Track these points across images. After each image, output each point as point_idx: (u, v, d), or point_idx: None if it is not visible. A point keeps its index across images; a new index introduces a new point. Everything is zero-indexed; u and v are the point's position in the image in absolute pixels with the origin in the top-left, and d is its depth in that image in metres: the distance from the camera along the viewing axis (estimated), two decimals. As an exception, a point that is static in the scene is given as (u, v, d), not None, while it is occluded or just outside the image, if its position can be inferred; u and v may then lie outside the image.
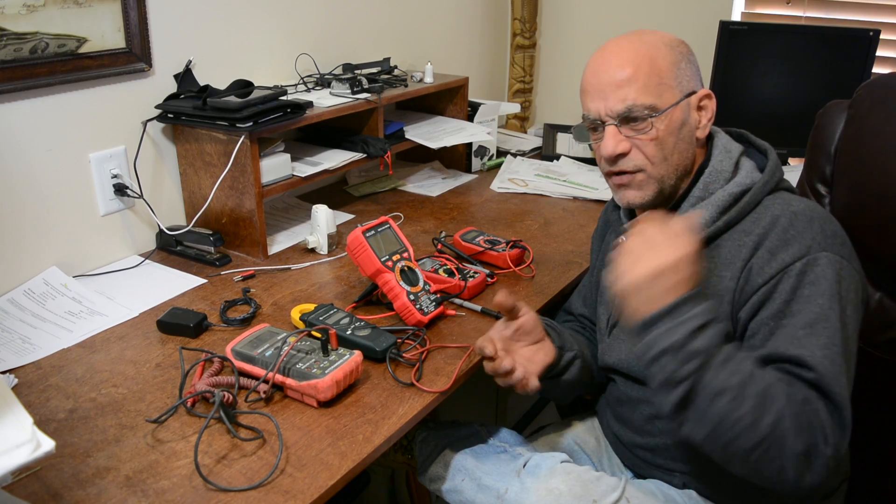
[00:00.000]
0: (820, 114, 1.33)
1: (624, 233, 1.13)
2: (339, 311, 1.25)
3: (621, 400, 1.21)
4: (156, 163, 1.58)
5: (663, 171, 1.05)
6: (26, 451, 0.71)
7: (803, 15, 2.18)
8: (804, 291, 0.95)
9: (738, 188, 1.05)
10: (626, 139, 1.04)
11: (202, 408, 1.06)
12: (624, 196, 1.09)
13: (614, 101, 1.03)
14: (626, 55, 1.03)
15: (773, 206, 1.03)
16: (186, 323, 1.25)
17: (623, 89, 1.02)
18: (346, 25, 1.98)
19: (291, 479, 0.93)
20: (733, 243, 1.03)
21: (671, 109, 1.03)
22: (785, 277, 0.96)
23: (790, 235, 0.98)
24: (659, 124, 1.03)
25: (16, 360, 1.17)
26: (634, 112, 1.02)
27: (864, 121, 1.23)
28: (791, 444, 0.86)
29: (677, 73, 1.04)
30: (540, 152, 2.37)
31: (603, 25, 2.48)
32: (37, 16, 1.30)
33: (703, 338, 0.89)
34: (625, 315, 0.96)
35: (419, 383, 1.12)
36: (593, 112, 1.06)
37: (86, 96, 1.42)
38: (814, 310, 0.93)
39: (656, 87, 1.02)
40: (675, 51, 1.05)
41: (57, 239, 1.43)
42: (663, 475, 1.15)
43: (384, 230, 1.33)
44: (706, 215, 1.05)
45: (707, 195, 1.07)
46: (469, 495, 1.18)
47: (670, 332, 0.90)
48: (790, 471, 0.87)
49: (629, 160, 1.05)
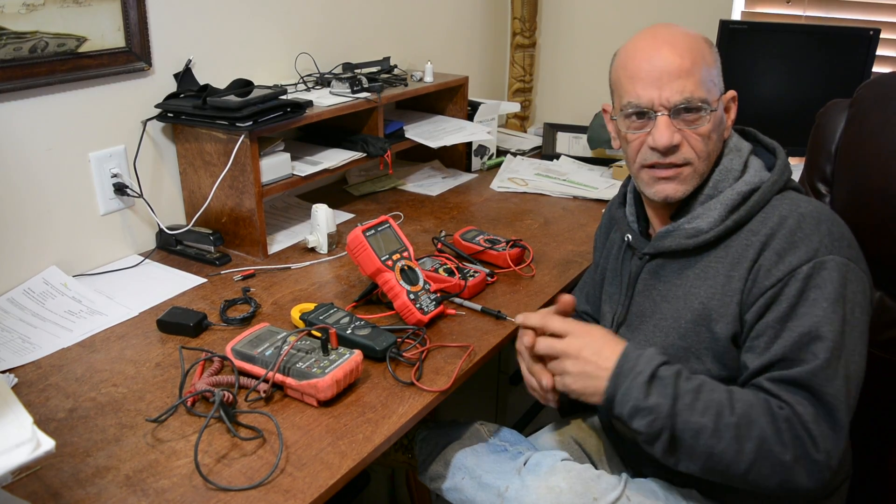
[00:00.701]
0: (820, 113, 1.33)
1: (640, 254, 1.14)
2: (339, 311, 1.25)
3: None
4: (155, 162, 1.58)
5: (705, 167, 1.06)
6: (26, 450, 0.71)
7: (803, 14, 2.18)
8: (810, 295, 0.95)
9: (747, 187, 1.05)
10: (678, 131, 1.03)
11: (202, 407, 1.06)
12: (663, 189, 1.06)
13: (671, 92, 1.01)
14: (682, 46, 1.02)
15: (780, 206, 1.02)
16: (186, 322, 1.25)
17: (681, 80, 1.01)
18: (346, 25, 1.98)
19: (291, 478, 0.93)
20: (741, 243, 1.03)
21: (718, 106, 1.04)
22: (792, 281, 0.96)
23: (798, 238, 0.98)
24: (710, 120, 1.03)
25: (16, 359, 1.17)
26: (692, 105, 1.01)
27: (864, 120, 1.23)
28: (781, 459, 0.90)
29: (718, 71, 1.06)
30: (540, 151, 2.37)
31: (603, 24, 2.48)
32: (36, 15, 1.30)
33: (656, 390, 0.94)
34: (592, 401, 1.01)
35: (419, 383, 1.12)
36: (644, 99, 1.02)
37: (85, 96, 1.42)
38: (817, 313, 0.94)
39: (708, 82, 1.02)
40: (714, 50, 1.07)
41: (57, 238, 1.43)
42: (664, 474, 1.15)
43: (384, 229, 1.33)
44: (715, 214, 1.05)
45: (716, 193, 1.06)
46: (469, 493, 1.18)
47: (625, 396, 0.96)
48: (789, 481, 0.91)
49: (680, 153, 1.04)
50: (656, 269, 1.12)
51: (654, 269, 1.13)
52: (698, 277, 1.06)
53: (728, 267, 1.03)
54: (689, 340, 1.06)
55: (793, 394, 0.92)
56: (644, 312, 1.14)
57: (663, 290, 1.10)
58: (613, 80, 1.10)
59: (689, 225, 1.07)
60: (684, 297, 1.07)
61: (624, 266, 1.18)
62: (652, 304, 1.12)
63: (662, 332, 1.09)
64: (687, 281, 1.07)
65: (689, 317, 1.06)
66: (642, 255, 1.14)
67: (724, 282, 1.03)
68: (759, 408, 0.92)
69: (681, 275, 1.08)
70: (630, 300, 1.16)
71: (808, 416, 0.90)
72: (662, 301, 1.10)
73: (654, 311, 1.11)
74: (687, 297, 1.07)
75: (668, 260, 1.11)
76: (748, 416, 0.91)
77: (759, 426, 0.90)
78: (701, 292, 1.05)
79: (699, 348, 1.05)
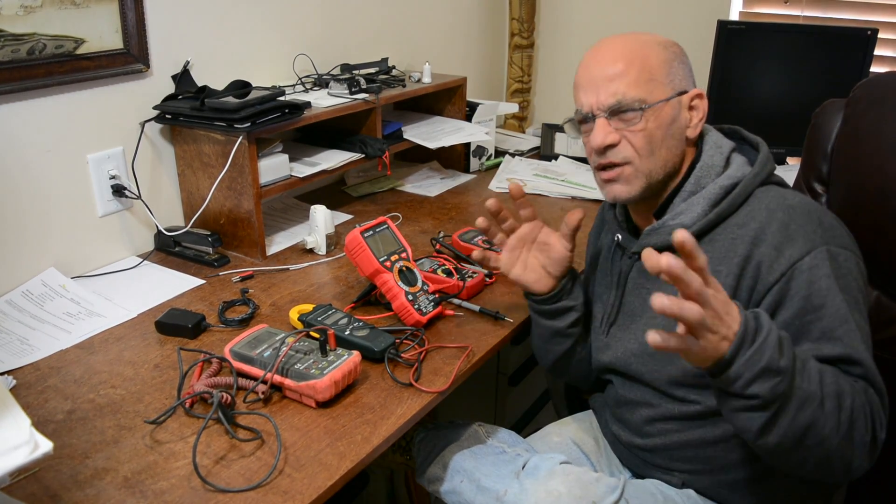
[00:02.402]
0: (816, 113, 1.33)
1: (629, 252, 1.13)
2: (338, 312, 1.25)
3: (620, 402, 1.20)
4: (154, 164, 1.58)
5: (650, 165, 1.06)
6: (24, 452, 0.71)
7: (801, 14, 2.18)
8: (821, 285, 0.94)
9: (729, 181, 1.06)
10: (616, 131, 1.05)
11: (201, 408, 1.06)
12: (611, 191, 1.10)
13: (605, 95, 1.04)
14: (619, 51, 1.05)
15: (766, 199, 1.03)
16: (185, 324, 1.25)
17: (614, 83, 1.04)
18: (344, 26, 1.98)
19: (290, 479, 0.93)
20: (727, 236, 1.03)
21: (661, 104, 1.04)
22: (796, 274, 0.96)
23: (792, 230, 0.98)
24: (648, 117, 1.04)
25: (14, 361, 1.17)
26: (624, 105, 1.03)
27: (860, 120, 1.23)
28: (861, 436, 0.88)
29: (669, 71, 1.06)
30: (538, 152, 2.37)
31: (601, 25, 2.48)
32: (34, 17, 1.30)
33: (785, 353, 0.84)
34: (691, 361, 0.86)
35: (418, 383, 1.12)
36: (585, 105, 1.07)
37: (83, 97, 1.42)
38: (839, 305, 0.94)
39: (647, 82, 1.04)
40: (668, 50, 1.07)
41: (55, 240, 1.43)
42: (662, 475, 1.15)
43: (382, 230, 1.33)
44: (698, 209, 1.05)
45: (699, 189, 1.07)
46: (468, 497, 1.18)
47: (753, 359, 0.83)
48: (856, 460, 0.89)
49: (617, 152, 1.06)
50: (645, 267, 1.12)
51: (642, 268, 1.11)
52: None
53: (715, 261, 1.02)
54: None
55: (859, 382, 0.91)
56: (635, 311, 1.15)
57: (652, 288, 1.11)
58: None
59: (674, 221, 1.07)
60: (673, 294, 1.06)
61: (614, 266, 1.19)
62: (642, 302, 1.13)
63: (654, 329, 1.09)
64: None
65: None
66: (631, 255, 1.15)
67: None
68: (845, 381, 0.89)
69: None
70: (620, 300, 1.17)
71: (874, 398, 0.91)
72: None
73: (644, 309, 1.12)
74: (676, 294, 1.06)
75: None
76: (841, 386, 0.88)
77: (849, 399, 0.87)
78: None
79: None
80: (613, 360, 1.18)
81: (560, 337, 1.25)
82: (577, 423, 1.35)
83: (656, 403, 1.13)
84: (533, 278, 1.19)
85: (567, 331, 1.23)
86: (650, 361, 1.11)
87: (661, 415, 1.12)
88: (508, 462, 1.19)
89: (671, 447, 1.12)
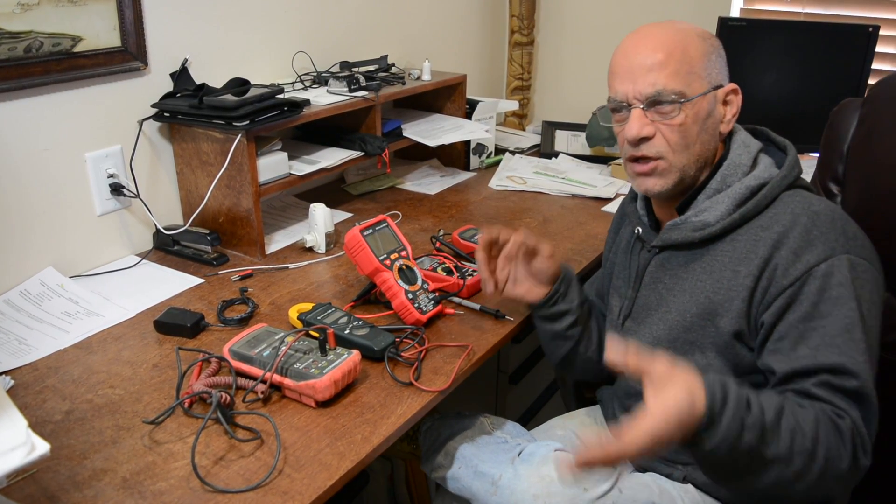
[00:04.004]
0: (834, 112, 1.30)
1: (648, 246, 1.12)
2: (337, 311, 1.25)
3: (630, 393, 1.20)
4: (152, 162, 1.57)
5: (684, 160, 1.05)
6: (20, 454, 0.71)
7: (802, 11, 2.18)
8: (832, 293, 0.94)
9: (756, 181, 1.04)
10: (651, 123, 1.03)
11: (199, 408, 1.06)
12: (643, 184, 1.08)
13: (643, 85, 1.02)
14: (659, 40, 1.04)
15: (791, 203, 1.02)
16: (183, 323, 1.24)
17: (653, 73, 1.02)
18: (344, 23, 1.97)
19: (290, 479, 0.92)
20: (749, 237, 1.02)
21: (698, 98, 1.03)
22: (810, 279, 0.95)
23: (814, 236, 0.97)
24: (685, 111, 1.02)
25: (12, 361, 1.16)
26: (663, 97, 1.02)
27: (876, 119, 1.21)
28: (839, 470, 0.87)
29: (707, 64, 1.05)
30: (538, 150, 2.37)
31: (601, 22, 2.48)
32: (31, 14, 1.29)
33: (748, 433, 0.83)
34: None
35: (418, 383, 1.11)
36: (620, 94, 1.05)
37: (81, 95, 1.41)
38: (846, 314, 0.92)
39: (686, 74, 1.02)
40: (707, 42, 1.06)
41: (53, 239, 1.42)
42: (665, 467, 1.15)
43: (382, 229, 1.33)
44: (722, 208, 1.05)
45: (724, 188, 1.06)
46: (466, 482, 1.20)
47: (720, 445, 0.82)
48: (835, 488, 0.89)
49: (651, 146, 1.04)
50: (663, 262, 1.12)
51: (661, 262, 1.12)
52: (704, 271, 1.06)
53: (735, 261, 1.02)
54: (694, 334, 1.06)
55: (843, 399, 0.90)
56: (650, 305, 1.13)
57: (669, 283, 1.10)
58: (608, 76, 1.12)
59: (697, 218, 1.06)
60: (690, 291, 1.07)
61: (632, 259, 1.19)
62: (658, 296, 1.12)
63: (667, 325, 1.09)
64: (693, 274, 1.07)
65: (694, 310, 1.05)
66: (650, 248, 1.14)
67: (731, 276, 1.02)
68: (825, 425, 0.87)
69: (687, 268, 1.08)
70: (637, 293, 1.16)
71: (859, 420, 0.89)
72: (668, 294, 1.10)
73: (660, 304, 1.11)
74: (693, 291, 1.06)
75: (675, 253, 1.10)
76: (816, 436, 0.86)
77: (825, 445, 0.86)
78: (706, 286, 1.05)
79: (703, 342, 1.05)
80: None
81: (560, 339, 1.25)
82: (581, 417, 1.35)
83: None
84: (524, 290, 1.21)
85: (566, 332, 1.24)
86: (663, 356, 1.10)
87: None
88: (508, 450, 1.20)
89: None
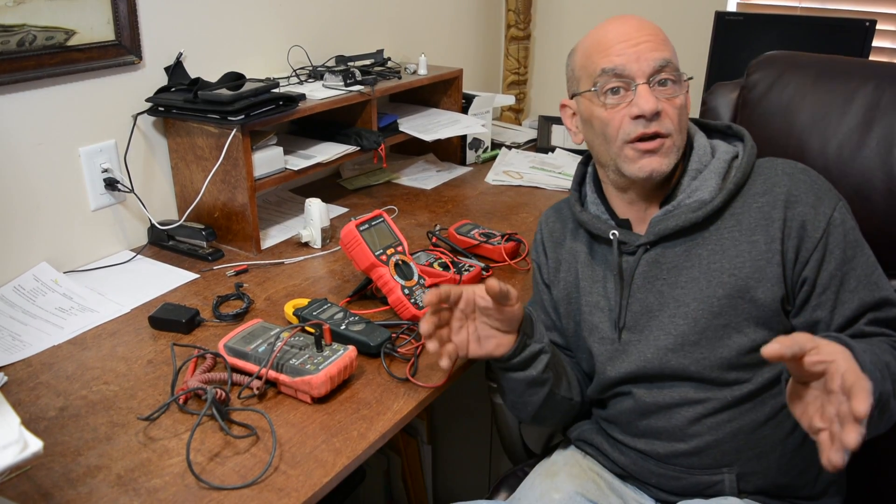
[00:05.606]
0: (707, 98, 1.37)
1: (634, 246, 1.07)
2: (333, 306, 1.24)
3: (646, 411, 1.07)
4: (147, 157, 1.56)
5: (680, 142, 1.04)
6: (13, 452, 0.70)
7: (799, 5, 2.17)
8: (850, 237, 1.01)
9: (728, 155, 1.07)
10: (657, 101, 1.01)
11: (194, 405, 1.05)
12: (649, 164, 1.01)
13: (649, 60, 1.00)
14: (644, 23, 1.05)
15: (774, 167, 1.05)
16: (178, 319, 1.24)
17: (659, 50, 1.01)
18: (339, 17, 1.97)
19: (285, 476, 0.92)
20: (751, 206, 1.02)
21: (687, 83, 1.05)
22: (832, 229, 1.00)
23: (818, 188, 1.02)
24: (683, 93, 1.04)
25: (6, 357, 1.16)
26: (671, 73, 1.01)
27: (761, 101, 1.26)
28: None
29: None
30: (535, 144, 2.36)
31: (597, 16, 2.44)
32: (24, 8, 1.28)
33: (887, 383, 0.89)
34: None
35: (414, 378, 1.11)
36: (627, 70, 1.00)
37: (75, 90, 1.40)
38: (866, 252, 1.02)
39: (675, 55, 1.04)
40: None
41: (47, 234, 1.41)
42: (709, 477, 1.04)
43: (378, 224, 1.32)
44: (711, 183, 1.04)
45: (703, 167, 1.07)
46: None
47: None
48: None
49: (662, 123, 1.01)
50: (656, 258, 1.05)
51: (653, 259, 1.06)
52: (715, 252, 1.02)
53: (747, 233, 1.01)
54: (726, 317, 1.01)
55: (891, 328, 1.00)
56: (650, 308, 1.05)
57: (670, 278, 1.04)
58: (578, 65, 1.08)
59: (690, 199, 1.04)
60: (706, 277, 1.02)
61: (608, 267, 1.10)
62: (658, 296, 1.05)
63: (686, 318, 1.02)
64: (701, 260, 1.03)
65: (721, 293, 1.00)
66: (635, 248, 1.06)
67: (749, 248, 1.00)
68: (893, 353, 0.95)
69: (689, 256, 1.03)
70: (628, 301, 1.07)
71: None
72: (672, 290, 1.04)
73: (664, 302, 1.04)
74: (709, 276, 1.02)
75: (668, 245, 1.05)
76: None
77: None
78: (725, 266, 1.01)
79: (738, 321, 1.00)
80: (636, 367, 1.06)
81: (536, 386, 1.08)
82: (567, 469, 1.15)
83: (701, 398, 1.03)
84: (492, 345, 1.01)
85: (542, 376, 1.07)
86: (695, 350, 1.02)
87: (709, 409, 1.03)
88: None
89: (723, 441, 1.03)
